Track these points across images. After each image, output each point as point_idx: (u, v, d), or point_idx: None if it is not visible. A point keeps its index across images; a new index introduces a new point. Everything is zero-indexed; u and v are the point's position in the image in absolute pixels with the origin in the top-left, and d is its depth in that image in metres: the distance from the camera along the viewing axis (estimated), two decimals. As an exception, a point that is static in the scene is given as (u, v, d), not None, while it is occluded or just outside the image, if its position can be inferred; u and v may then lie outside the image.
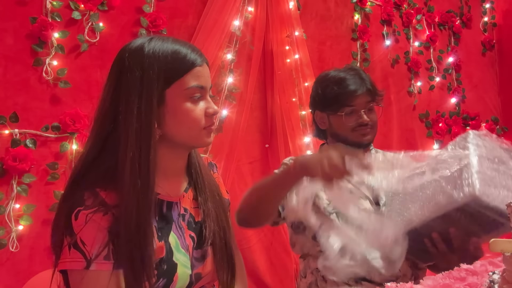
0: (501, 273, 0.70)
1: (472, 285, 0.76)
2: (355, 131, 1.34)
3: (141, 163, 0.82)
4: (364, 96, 1.35)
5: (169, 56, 0.85)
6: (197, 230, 0.95)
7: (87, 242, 0.78)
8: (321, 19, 2.75)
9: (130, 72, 0.84)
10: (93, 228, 0.79)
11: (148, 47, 0.85)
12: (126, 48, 0.88)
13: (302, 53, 2.43)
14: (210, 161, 1.13)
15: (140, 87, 0.83)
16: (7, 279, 1.67)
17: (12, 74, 1.76)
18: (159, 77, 0.84)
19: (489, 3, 3.73)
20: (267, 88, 2.48)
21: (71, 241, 0.78)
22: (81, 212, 0.79)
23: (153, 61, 0.84)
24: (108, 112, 0.85)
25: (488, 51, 3.70)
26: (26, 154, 1.70)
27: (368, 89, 1.36)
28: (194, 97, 0.87)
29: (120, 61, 0.87)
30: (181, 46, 0.87)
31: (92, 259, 0.78)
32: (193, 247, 0.93)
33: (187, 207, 0.96)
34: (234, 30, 2.26)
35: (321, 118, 1.42)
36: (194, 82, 0.87)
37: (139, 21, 2.07)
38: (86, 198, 0.81)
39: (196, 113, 0.87)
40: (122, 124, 0.83)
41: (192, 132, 0.88)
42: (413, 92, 3.15)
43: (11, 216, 1.68)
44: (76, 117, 1.83)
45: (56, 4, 1.86)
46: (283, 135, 2.40)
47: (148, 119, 0.82)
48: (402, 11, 3.17)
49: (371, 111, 1.38)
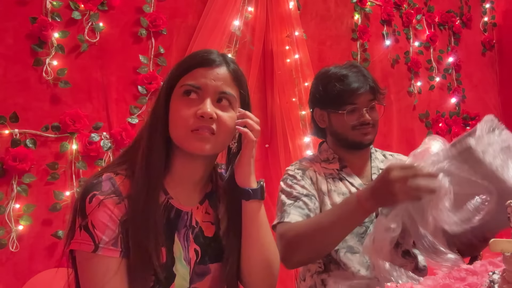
0: (501, 273, 0.70)
1: (472, 285, 0.76)
2: (356, 129, 1.29)
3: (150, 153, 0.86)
4: (367, 94, 1.29)
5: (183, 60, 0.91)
6: (204, 245, 0.92)
7: (97, 226, 0.79)
8: (321, 19, 2.75)
9: (164, 81, 0.93)
10: (105, 213, 0.80)
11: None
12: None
13: (302, 53, 2.43)
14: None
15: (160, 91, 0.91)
16: (7, 279, 1.67)
17: (12, 74, 1.76)
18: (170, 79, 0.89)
19: (489, 3, 3.73)
20: (267, 88, 2.48)
21: (82, 223, 0.80)
22: (96, 197, 0.81)
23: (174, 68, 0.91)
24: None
25: (488, 51, 3.70)
26: (26, 154, 1.70)
27: (371, 87, 1.30)
28: (185, 95, 0.86)
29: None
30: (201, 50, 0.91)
31: (100, 244, 0.79)
32: (195, 261, 0.90)
33: (199, 220, 0.93)
34: (234, 30, 2.26)
35: (321, 116, 1.37)
36: (191, 81, 0.86)
37: (139, 21, 2.07)
38: (104, 184, 0.83)
39: (184, 112, 0.84)
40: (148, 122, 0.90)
41: (180, 133, 0.85)
42: (413, 92, 3.16)
43: (11, 216, 1.68)
44: (76, 117, 1.83)
45: (56, 4, 1.86)
46: (283, 135, 2.39)
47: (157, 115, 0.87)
48: (402, 11, 3.17)
49: (373, 110, 1.33)
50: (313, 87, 1.40)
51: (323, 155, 1.38)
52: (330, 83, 1.31)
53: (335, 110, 1.31)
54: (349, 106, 1.28)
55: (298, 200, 1.22)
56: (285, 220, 1.18)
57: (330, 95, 1.31)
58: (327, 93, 1.31)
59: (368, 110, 1.30)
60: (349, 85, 1.28)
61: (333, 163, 1.35)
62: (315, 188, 1.28)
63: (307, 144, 2.35)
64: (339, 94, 1.29)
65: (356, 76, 1.29)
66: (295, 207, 1.20)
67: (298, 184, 1.27)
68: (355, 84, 1.28)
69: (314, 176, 1.31)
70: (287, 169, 1.36)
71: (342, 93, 1.28)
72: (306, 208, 1.20)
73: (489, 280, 0.73)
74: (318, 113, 1.38)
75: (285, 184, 1.29)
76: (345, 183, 1.31)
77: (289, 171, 1.34)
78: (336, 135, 1.35)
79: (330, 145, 1.39)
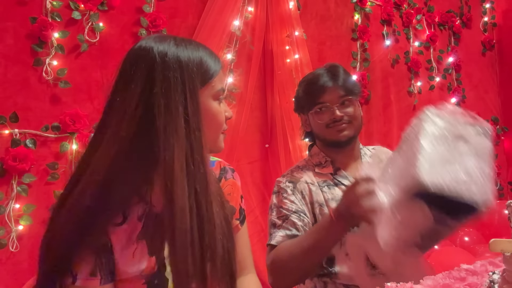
0: (501, 273, 0.70)
1: (472, 285, 0.76)
2: (329, 128, 1.28)
3: (196, 165, 0.77)
4: (335, 91, 1.28)
5: (202, 57, 0.83)
6: None
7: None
8: (321, 19, 2.75)
9: (167, 70, 0.77)
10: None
11: (179, 48, 0.81)
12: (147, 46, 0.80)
13: (302, 53, 2.43)
14: (224, 165, 1.05)
15: (183, 86, 0.78)
16: (7, 279, 1.67)
17: (12, 74, 1.76)
18: (197, 76, 0.80)
19: (489, 3, 3.73)
20: (267, 88, 2.48)
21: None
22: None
23: (188, 61, 0.80)
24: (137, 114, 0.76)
25: (488, 51, 3.70)
26: (26, 154, 1.70)
27: (340, 83, 1.28)
28: (219, 100, 0.87)
29: (148, 58, 0.78)
30: (205, 50, 0.86)
31: (78, 276, 0.78)
32: None
33: None
34: (234, 30, 2.26)
35: (304, 120, 1.39)
36: (220, 85, 0.86)
37: (139, 21, 2.07)
38: None
39: (222, 116, 0.87)
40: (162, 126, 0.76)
41: (215, 135, 0.86)
42: (413, 92, 3.16)
43: (11, 216, 1.68)
44: (76, 117, 1.83)
45: (56, 4, 1.86)
46: (283, 135, 2.39)
47: (198, 120, 0.78)
48: (402, 11, 3.18)
49: (347, 106, 1.29)
50: (295, 93, 1.43)
51: (315, 159, 1.38)
52: (303, 85, 1.37)
53: (309, 111, 1.34)
54: (318, 105, 1.30)
55: (286, 221, 1.24)
56: (272, 243, 1.22)
57: (303, 97, 1.35)
58: (301, 96, 1.37)
59: (339, 106, 1.29)
60: (315, 84, 1.31)
61: (326, 167, 1.34)
62: (305, 202, 1.28)
63: (307, 144, 2.35)
64: (309, 94, 1.33)
65: (324, 75, 1.31)
66: (283, 229, 1.23)
67: (287, 199, 1.27)
68: (321, 82, 1.30)
69: (306, 188, 1.30)
70: (278, 180, 1.35)
71: (311, 93, 1.32)
72: (294, 229, 1.22)
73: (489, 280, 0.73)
74: (302, 117, 1.41)
75: (276, 199, 1.30)
76: (341, 188, 1.30)
77: (280, 183, 1.33)
78: (317, 136, 1.37)
79: (319, 147, 1.39)
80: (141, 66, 0.78)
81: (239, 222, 1.04)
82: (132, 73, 0.78)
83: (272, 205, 1.31)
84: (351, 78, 1.34)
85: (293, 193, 1.28)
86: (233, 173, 1.05)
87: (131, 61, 0.80)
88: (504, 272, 0.68)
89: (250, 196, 2.33)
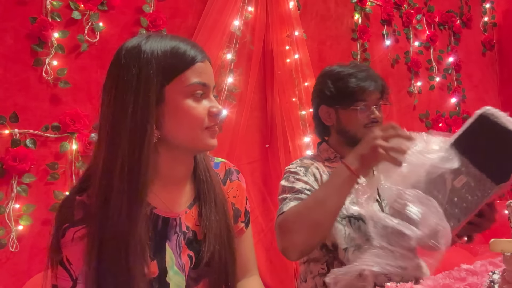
0: (501, 273, 0.70)
1: (472, 285, 0.76)
2: (367, 127, 1.27)
3: (132, 167, 0.76)
4: (376, 93, 1.29)
5: (168, 52, 0.79)
6: (197, 249, 0.89)
7: (73, 262, 0.78)
8: (321, 19, 2.75)
9: (126, 70, 0.78)
10: (80, 247, 0.77)
11: (146, 45, 0.79)
12: (123, 46, 0.82)
13: (302, 53, 2.42)
14: (229, 167, 1.02)
15: (137, 84, 0.77)
16: (7, 279, 1.67)
17: (12, 74, 1.76)
18: (157, 74, 0.78)
19: (489, 3, 3.73)
20: (267, 88, 2.48)
21: (58, 258, 0.78)
22: (69, 230, 0.78)
23: (150, 57, 0.78)
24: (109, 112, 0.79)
25: (488, 51, 3.70)
26: (26, 154, 1.70)
27: (381, 85, 1.30)
28: (196, 95, 0.81)
29: (116, 60, 0.81)
30: (180, 42, 0.82)
31: (78, 280, 0.77)
32: (190, 266, 0.88)
33: (190, 225, 0.89)
34: (234, 30, 2.26)
35: (328, 113, 1.34)
36: (196, 79, 0.80)
37: (139, 21, 2.07)
38: (76, 213, 0.79)
39: (198, 111, 0.81)
40: (115, 123, 0.77)
41: (194, 133, 0.81)
42: (413, 92, 3.16)
43: (11, 216, 1.68)
44: (76, 117, 1.83)
45: (56, 4, 1.86)
46: (283, 135, 2.39)
47: (144, 117, 0.76)
48: (402, 11, 3.17)
49: (380, 109, 1.32)
50: (320, 84, 1.37)
51: (324, 155, 1.37)
52: (341, 80, 1.30)
53: (345, 107, 1.29)
54: (360, 103, 1.27)
55: (299, 193, 1.19)
56: (283, 211, 1.15)
57: (341, 92, 1.29)
58: (338, 90, 1.30)
59: (377, 108, 1.30)
60: (361, 82, 1.27)
61: (335, 162, 1.34)
62: (318, 184, 1.26)
63: (307, 144, 2.35)
64: (352, 91, 1.28)
65: (367, 74, 1.29)
66: (295, 199, 1.17)
67: (300, 180, 1.24)
68: (367, 82, 1.27)
69: (318, 173, 1.29)
70: (288, 168, 1.32)
71: (355, 90, 1.27)
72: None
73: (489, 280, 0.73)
74: (324, 110, 1.35)
75: (286, 181, 1.26)
76: None
77: (290, 169, 1.31)
78: (344, 133, 1.32)
79: (332, 144, 1.37)
80: (112, 66, 0.82)
81: (244, 225, 1.03)
82: (107, 78, 0.82)
83: (282, 188, 1.25)
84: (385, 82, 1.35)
85: (305, 175, 1.26)
86: (238, 175, 1.03)
87: (110, 66, 0.83)
88: (504, 272, 0.68)
89: (250, 196, 2.33)
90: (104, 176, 0.77)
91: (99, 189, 0.77)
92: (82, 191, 0.81)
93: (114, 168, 0.76)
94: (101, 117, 0.80)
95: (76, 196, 0.80)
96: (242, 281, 1.01)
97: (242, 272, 1.01)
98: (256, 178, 2.39)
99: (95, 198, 0.77)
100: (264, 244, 2.35)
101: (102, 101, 0.81)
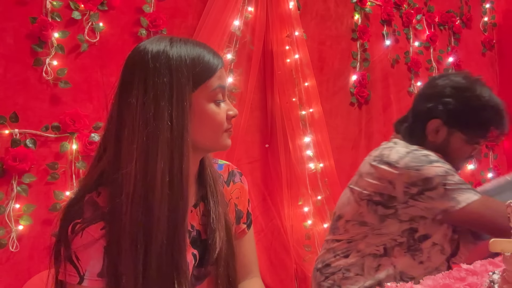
0: (501, 273, 0.70)
1: (472, 285, 0.76)
2: (466, 159, 1.28)
3: (173, 176, 0.78)
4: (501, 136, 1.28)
5: (195, 58, 0.81)
6: (201, 247, 0.91)
7: (81, 258, 0.78)
8: (321, 19, 2.75)
9: (157, 75, 0.78)
10: (88, 243, 0.78)
11: (172, 50, 0.81)
12: (145, 50, 0.81)
13: (302, 53, 2.43)
14: (232, 169, 1.05)
15: (170, 92, 0.78)
16: (7, 279, 1.67)
17: (12, 74, 1.76)
18: (188, 81, 0.80)
19: (489, 3, 3.73)
20: (267, 88, 2.48)
21: (66, 254, 0.78)
22: (78, 226, 0.78)
23: (180, 64, 0.80)
24: (141, 117, 0.78)
25: (488, 51, 3.70)
26: (26, 154, 1.70)
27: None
28: (217, 99, 0.85)
29: (141, 63, 0.80)
30: (203, 49, 0.84)
31: (85, 276, 0.78)
32: (194, 265, 0.90)
33: (195, 223, 0.92)
34: (234, 30, 2.26)
35: (437, 128, 1.25)
36: (218, 83, 0.84)
37: (139, 21, 2.07)
38: (86, 210, 0.79)
39: (221, 116, 0.85)
40: (152, 131, 0.77)
41: (216, 135, 0.86)
42: (413, 92, 3.15)
43: (11, 216, 1.68)
44: (76, 117, 1.83)
45: (56, 4, 1.86)
46: (283, 135, 2.40)
47: (181, 125, 0.78)
48: (402, 11, 3.17)
49: None
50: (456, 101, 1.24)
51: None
52: (486, 110, 1.22)
53: (468, 137, 1.24)
54: (483, 140, 1.27)
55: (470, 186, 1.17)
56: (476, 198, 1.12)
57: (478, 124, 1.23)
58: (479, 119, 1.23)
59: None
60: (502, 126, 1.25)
61: None
62: None
63: (307, 144, 2.35)
64: (488, 129, 1.24)
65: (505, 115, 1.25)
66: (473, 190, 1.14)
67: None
68: (506, 127, 1.25)
69: None
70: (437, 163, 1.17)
71: (490, 130, 1.24)
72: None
73: (489, 280, 0.73)
74: (437, 124, 1.25)
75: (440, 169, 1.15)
76: None
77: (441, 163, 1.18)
78: (443, 153, 1.24)
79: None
80: (136, 69, 0.81)
81: (246, 226, 1.05)
82: (130, 81, 0.81)
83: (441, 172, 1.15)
84: None
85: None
86: (241, 177, 1.05)
87: (130, 68, 0.83)
88: (504, 272, 0.68)
89: (250, 196, 2.31)
90: (140, 184, 0.77)
91: (133, 196, 0.77)
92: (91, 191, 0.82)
93: (154, 177, 0.77)
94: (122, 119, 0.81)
95: (86, 194, 0.81)
96: (244, 283, 1.02)
97: (244, 273, 1.02)
98: (256, 178, 2.39)
99: (130, 206, 0.76)
100: (264, 244, 2.35)
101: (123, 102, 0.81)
